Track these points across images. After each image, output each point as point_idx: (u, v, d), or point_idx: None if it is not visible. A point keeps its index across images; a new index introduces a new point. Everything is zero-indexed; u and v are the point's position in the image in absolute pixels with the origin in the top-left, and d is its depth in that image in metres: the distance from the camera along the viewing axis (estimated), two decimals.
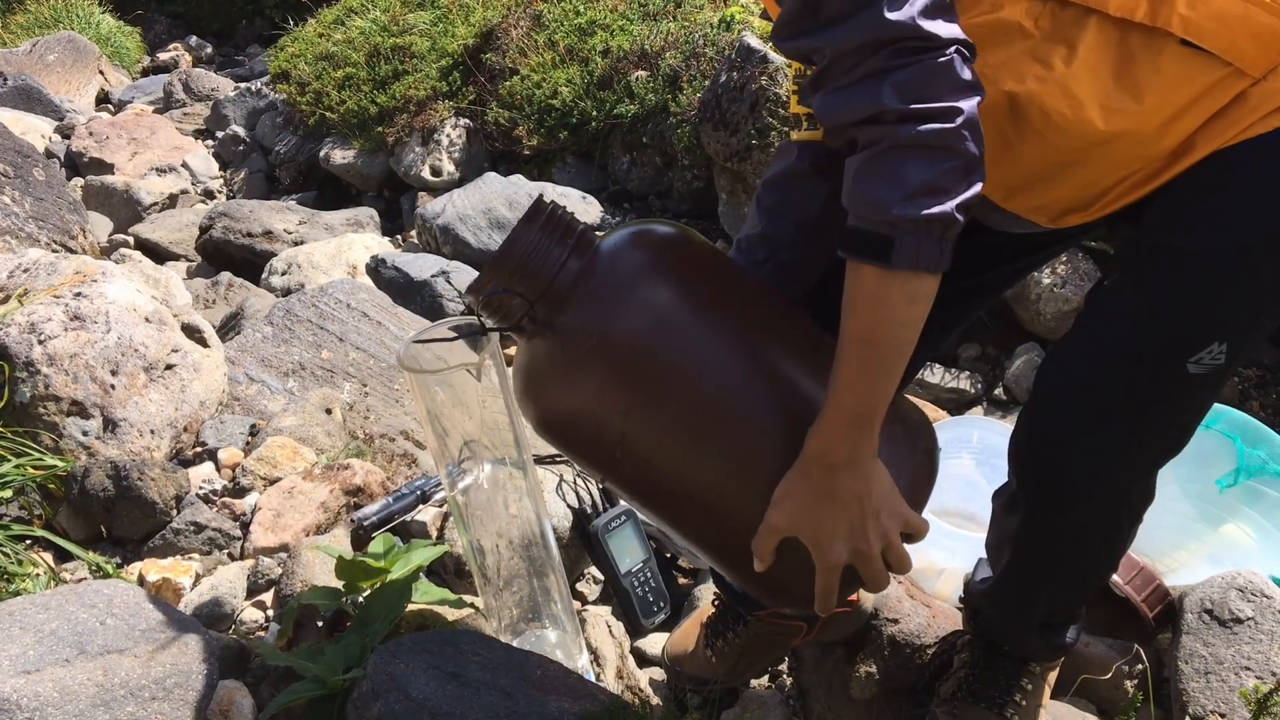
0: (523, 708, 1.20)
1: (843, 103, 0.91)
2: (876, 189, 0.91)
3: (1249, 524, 1.65)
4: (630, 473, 1.09)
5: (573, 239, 1.05)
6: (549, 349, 1.05)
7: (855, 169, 0.93)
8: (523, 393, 1.11)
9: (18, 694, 1.13)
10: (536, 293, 1.03)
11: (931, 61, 0.88)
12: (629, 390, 1.04)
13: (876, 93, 0.89)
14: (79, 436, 1.82)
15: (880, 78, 0.89)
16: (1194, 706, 1.38)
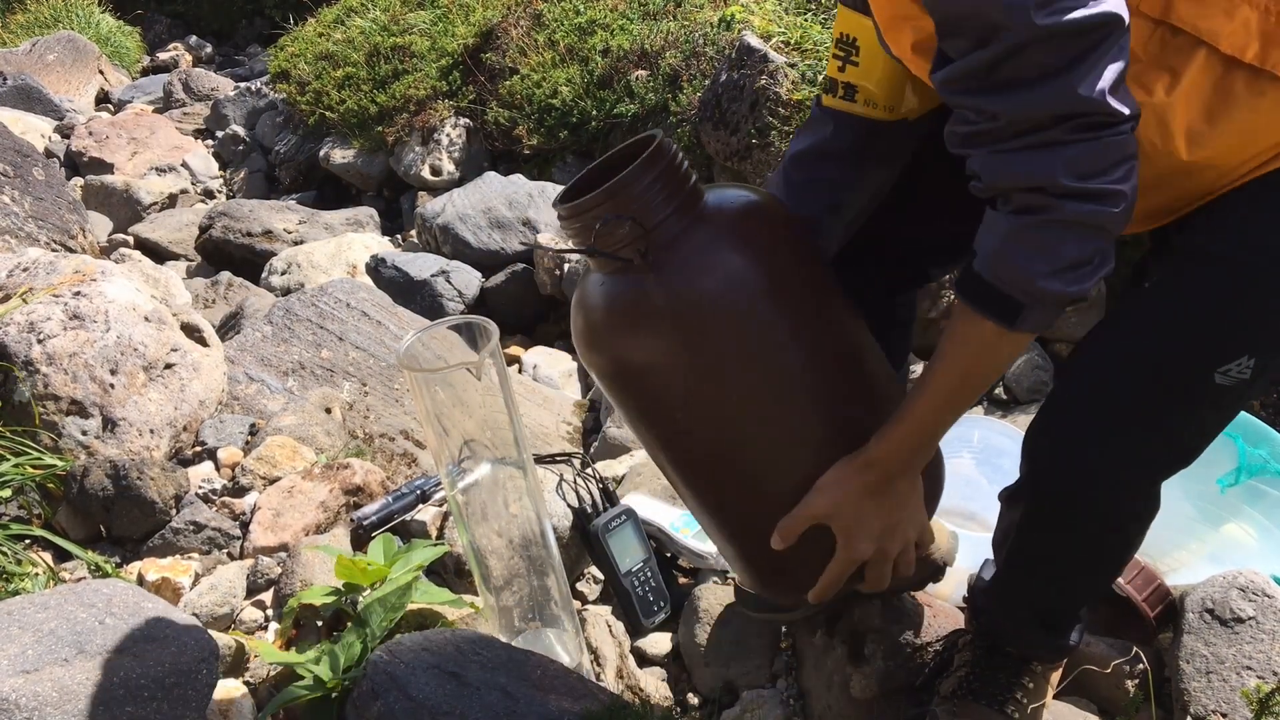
0: (523, 707, 1.20)
1: (1011, 167, 0.89)
2: (1028, 259, 0.91)
3: (1250, 523, 1.64)
4: (680, 434, 1.10)
5: (687, 188, 1.06)
6: (639, 294, 1.05)
7: (1006, 231, 0.92)
8: (596, 334, 1.10)
9: (16, 693, 1.13)
10: (649, 226, 1.03)
11: (1111, 138, 0.86)
12: (711, 352, 1.04)
13: (1051, 165, 0.86)
14: (78, 436, 1.82)
15: (1056, 149, 0.86)
16: (1195, 706, 1.38)
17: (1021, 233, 0.90)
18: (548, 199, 3.63)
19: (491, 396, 1.32)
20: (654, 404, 1.11)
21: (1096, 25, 0.83)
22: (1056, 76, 0.84)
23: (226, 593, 1.60)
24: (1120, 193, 0.87)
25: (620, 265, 1.07)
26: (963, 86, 0.90)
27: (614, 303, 1.07)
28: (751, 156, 3.17)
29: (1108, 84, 0.84)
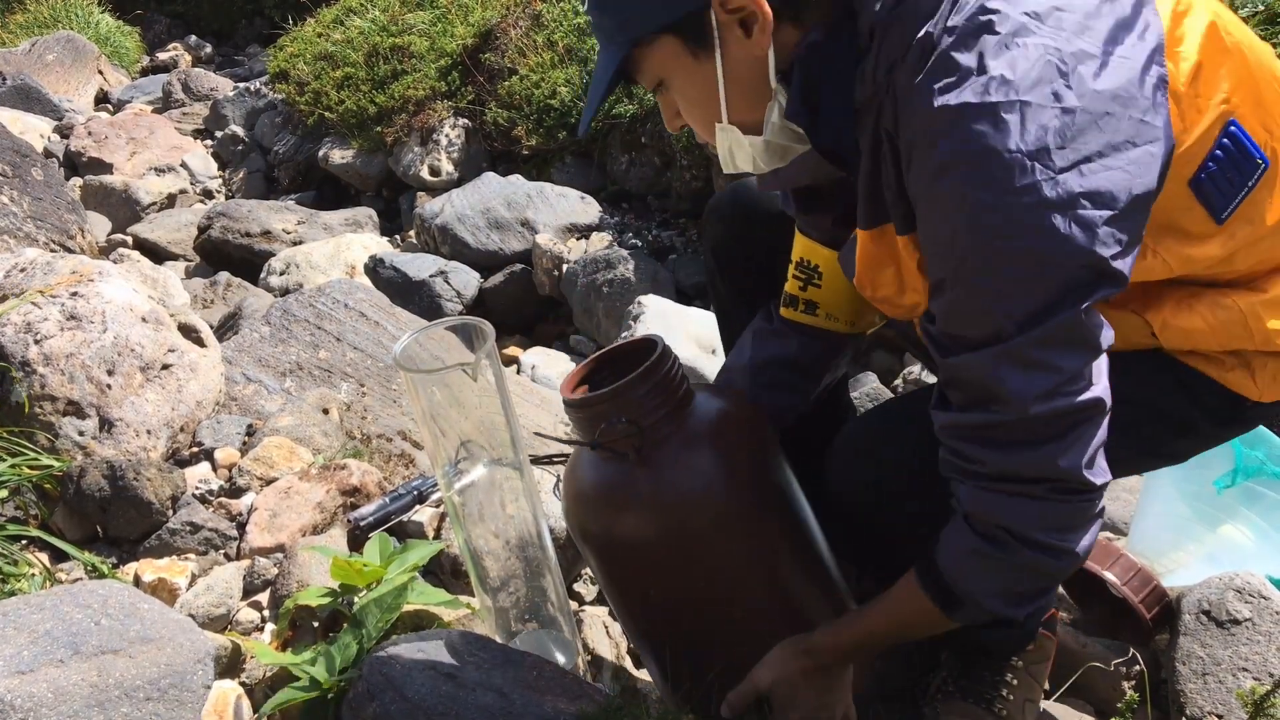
0: (519, 708, 1.20)
1: (991, 505, 0.97)
2: (980, 578, 1.02)
3: (1247, 525, 1.64)
4: (647, 597, 1.27)
5: (679, 395, 1.23)
6: (629, 482, 1.21)
7: (969, 549, 1.01)
8: (587, 508, 1.27)
9: (11, 694, 1.13)
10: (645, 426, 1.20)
11: (1083, 504, 0.96)
12: (685, 536, 1.20)
13: (1026, 515, 0.96)
14: (75, 436, 1.82)
15: (1033, 502, 0.95)
16: (1191, 707, 1.38)
17: (981, 556, 1.00)
18: (546, 199, 3.63)
19: (488, 397, 1.32)
20: (628, 572, 1.27)
21: (1083, 409, 0.92)
22: (1042, 446, 0.93)
23: (223, 593, 1.60)
24: (1074, 554, 0.98)
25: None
26: (957, 435, 0.98)
27: (606, 485, 1.24)
28: None
29: (1086, 458, 0.93)
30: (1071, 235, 0.85)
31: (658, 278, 3.06)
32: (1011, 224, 0.86)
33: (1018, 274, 0.88)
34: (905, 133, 0.94)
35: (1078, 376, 0.91)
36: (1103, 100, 0.87)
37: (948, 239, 0.91)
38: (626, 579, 1.29)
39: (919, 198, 0.94)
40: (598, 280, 3.09)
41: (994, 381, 0.92)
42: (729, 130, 1.07)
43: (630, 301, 2.73)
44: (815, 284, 1.37)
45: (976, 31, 0.89)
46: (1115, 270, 0.88)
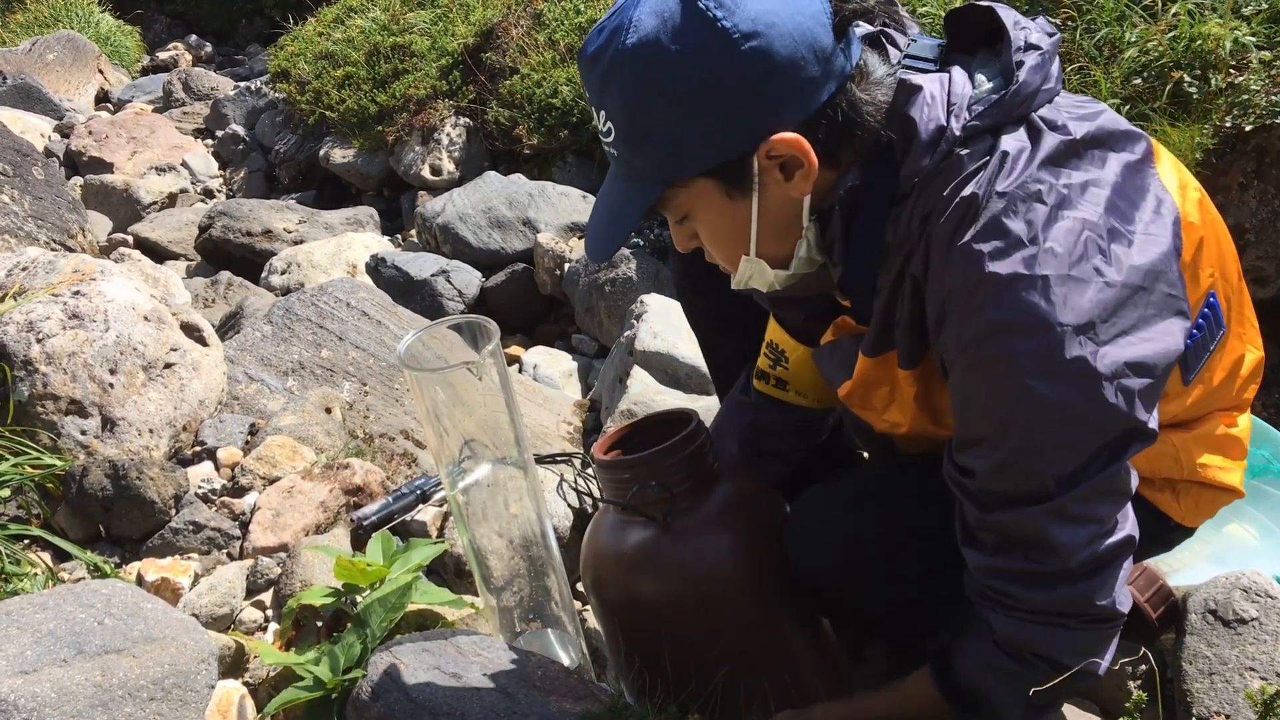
0: (523, 708, 1.19)
1: (1026, 635, 1.02)
2: (1005, 695, 1.06)
3: (1253, 524, 1.64)
4: (649, 658, 1.31)
5: (707, 467, 1.29)
6: (654, 546, 1.27)
7: (997, 666, 1.05)
8: (608, 568, 1.32)
9: (15, 694, 1.12)
10: (674, 493, 1.26)
11: (1111, 630, 1.03)
12: (700, 600, 1.26)
13: (1059, 645, 1.01)
14: (77, 435, 1.81)
15: (1066, 631, 1.01)
16: (1198, 707, 1.37)
17: (1009, 675, 1.04)
18: (548, 198, 3.62)
19: (492, 396, 1.31)
20: (637, 629, 1.32)
21: (1118, 549, 0.98)
22: (1081, 584, 0.98)
23: (226, 593, 1.60)
24: (1097, 674, 1.03)
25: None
26: (997, 576, 1.02)
27: (630, 547, 1.29)
28: None
29: (1116, 592, 0.99)
30: (1117, 404, 0.91)
31: (660, 277, 3.06)
32: (1061, 393, 0.90)
33: (1065, 438, 0.93)
34: (939, 285, 0.97)
35: (1114, 522, 0.97)
36: (1137, 275, 0.92)
37: (992, 401, 0.95)
38: (634, 635, 1.34)
39: (957, 356, 0.96)
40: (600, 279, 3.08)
41: (1038, 536, 0.96)
42: (754, 262, 1.09)
43: (632, 300, 2.72)
44: (783, 365, 1.42)
45: (1027, 200, 0.92)
46: (1150, 430, 0.95)
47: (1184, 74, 2.18)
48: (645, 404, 2.29)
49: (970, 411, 0.98)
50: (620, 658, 1.39)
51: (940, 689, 1.10)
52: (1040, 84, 0.97)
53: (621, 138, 0.99)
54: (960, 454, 1.01)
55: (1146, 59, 2.28)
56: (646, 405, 2.28)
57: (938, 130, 0.96)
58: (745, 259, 1.08)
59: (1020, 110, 0.97)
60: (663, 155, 0.99)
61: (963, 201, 0.94)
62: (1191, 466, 1.17)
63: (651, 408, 2.28)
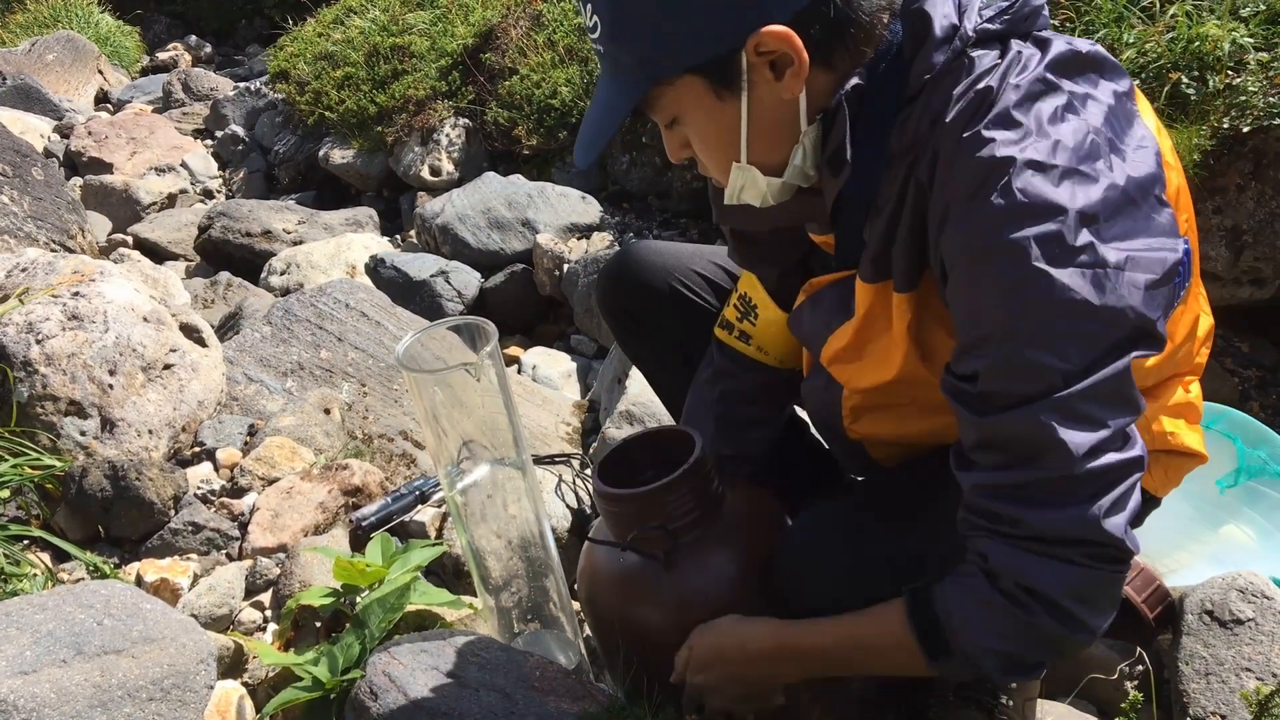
0: (521, 708, 1.19)
1: (1021, 565, 0.93)
2: (984, 635, 0.97)
3: (1249, 525, 1.64)
4: (642, 672, 1.30)
5: (710, 499, 1.26)
6: (653, 579, 1.25)
7: (983, 600, 0.96)
8: (604, 595, 1.31)
9: (14, 695, 1.13)
10: (675, 532, 1.24)
11: (1112, 574, 0.93)
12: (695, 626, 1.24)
13: (1057, 580, 0.92)
14: (77, 436, 1.81)
15: (1066, 566, 0.92)
16: (1194, 708, 1.38)
17: (994, 611, 0.95)
18: (547, 199, 3.62)
19: (490, 397, 1.32)
20: (632, 649, 1.31)
21: (1126, 466, 0.90)
22: (1085, 504, 0.90)
23: (225, 594, 1.60)
24: (1090, 630, 0.94)
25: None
26: (992, 494, 0.95)
27: (627, 578, 1.28)
28: None
29: (1125, 521, 0.91)
30: (1127, 297, 0.87)
31: None
32: (1073, 280, 0.86)
33: (1074, 328, 0.88)
34: (945, 181, 0.93)
35: (1121, 434, 0.91)
36: (1135, 186, 0.90)
37: (999, 293, 0.90)
38: (628, 649, 1.32)
39: (961, 253, 0.92)
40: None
41: (1042, 436, 0.90)
42: (746, 170, 1.05)
43: None
44: (750, 320, 1.40)
45: (1039, 95, 0.91)
46: (1159, 334, 0.91)
47: (1182, 75, 2.18)
48: (644, 405, 2.29)
49: (974, 310, 0.93)
50: (615, 664, 1.39)
51: (912, 621, 1.01)
52: (1040, 7, 0.97)
53: (606, 33, 0.97)
54: (961, 362, 0.95)
55: (1144, 60, 2.28)
56: (645, 406, 2.29)
57: (951, 28, 0.94)
58: (737, 166, 1.04)
59: (1026, 25, 0.96)
60: (647, 49, 0.96)
61: (977, 95, 0.92)
62: (1161, 435, 1.15)
63: (650, 408, 2.28)
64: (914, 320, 1.05)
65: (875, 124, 0.99)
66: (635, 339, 1.56)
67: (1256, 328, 2.35)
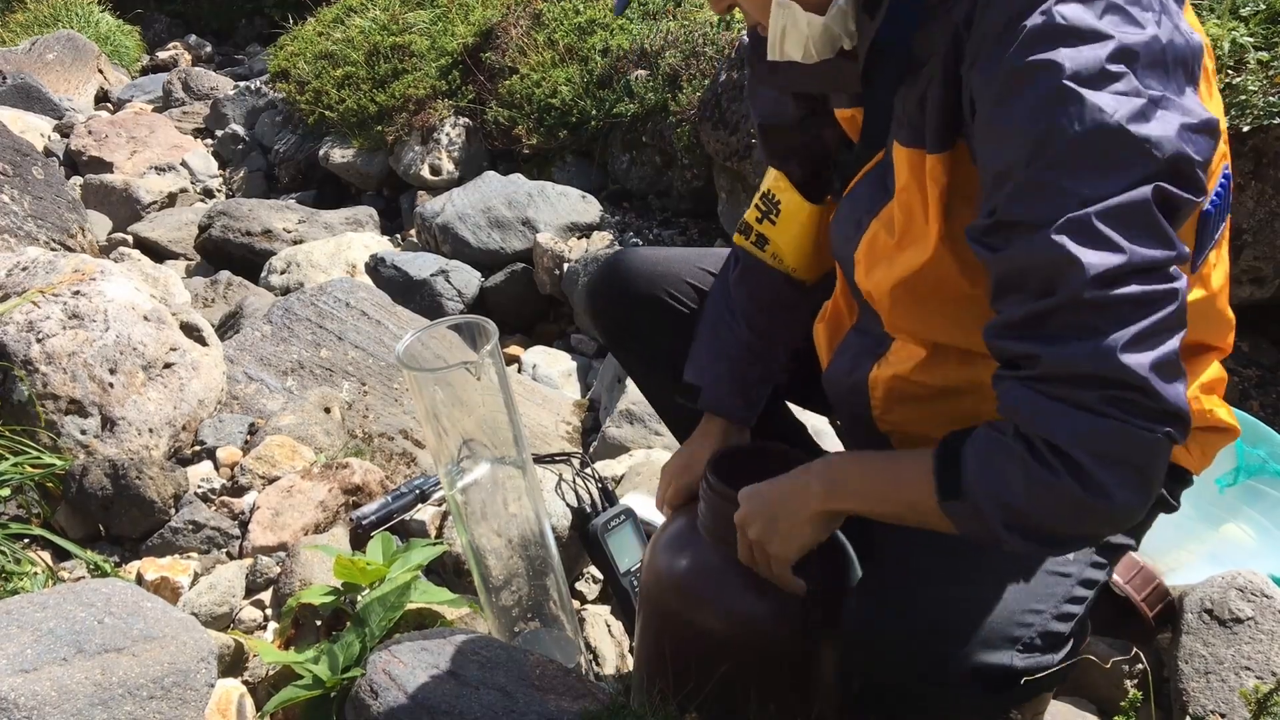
0: (522, 706, 1.20)
1: (1037, 412, 0.84)
2: (994, 480, 0.88)
3: (1249, 523, 1.64)
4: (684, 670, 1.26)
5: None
6: (727, 579, 1.21)
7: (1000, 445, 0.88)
8: (675, 588, 1.26)
9: (15, 693, 1.13)
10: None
11: (1139, 431, 0.81)
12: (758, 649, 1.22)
13: (1070, 429, 0.82)
14: (77, 435, 1.82)
15: (1081, 413, 0.82)
16: (1194, 706, 1.38)
17: (1011, 457, 0.87)
18: (547, 198, 3.63)
19: (491, 396, 1.32)
20: (682, 644, 1.26)
21: (1153, 298, 0.81)
22: (1103, 336, 0.80)
23: (225, 592, 1.60)
24: (1111, 500, 0.82)
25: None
26: (1007, 333, 0.88)
27: (701, 572, 1.23)
28: (751, 156, 3.17)
29: (1154, 358, 0.80)
30: (1165, 129, 0.81)
31: None
32: (1107, 103, 0.80)
33: (1100, 153, 0.81)
34: (986, 15, 0.87)
35: (1150, 267, 0.80)
36: (1175, 51, 0.85)
37: (1028, 114, 0.83)
38: (677, 647, 1.28)
39: (992, 79, 0.86)
40: None
41: (1054, 256, 0.81)
42: (788, 7, 0.99)
43: None
44: (771, 220, 1.36)
45: None
46: (1198, 175, 0.83)
47: None
48: (644, 404, 2.29)
49: (999, 139, 0.86)
50: (653, 655, 1.35)
51: (936, 455, 0.93)
52: None
53: None
54: (985, 202, 0.88)
55: None
56: (645, 406, 2.29)
57: None
58: (777, 4, 1.00)
59: None
60: None
61: None
62: (1201, 413, 1.09)
63: (649, 408, 2.28)
64: (948, 191, 0.97)
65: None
66: (624, 347, 1.55)
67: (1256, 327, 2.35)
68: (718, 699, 1.22)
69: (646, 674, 1.36)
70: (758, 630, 1.19)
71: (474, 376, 1.28)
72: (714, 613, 1.21)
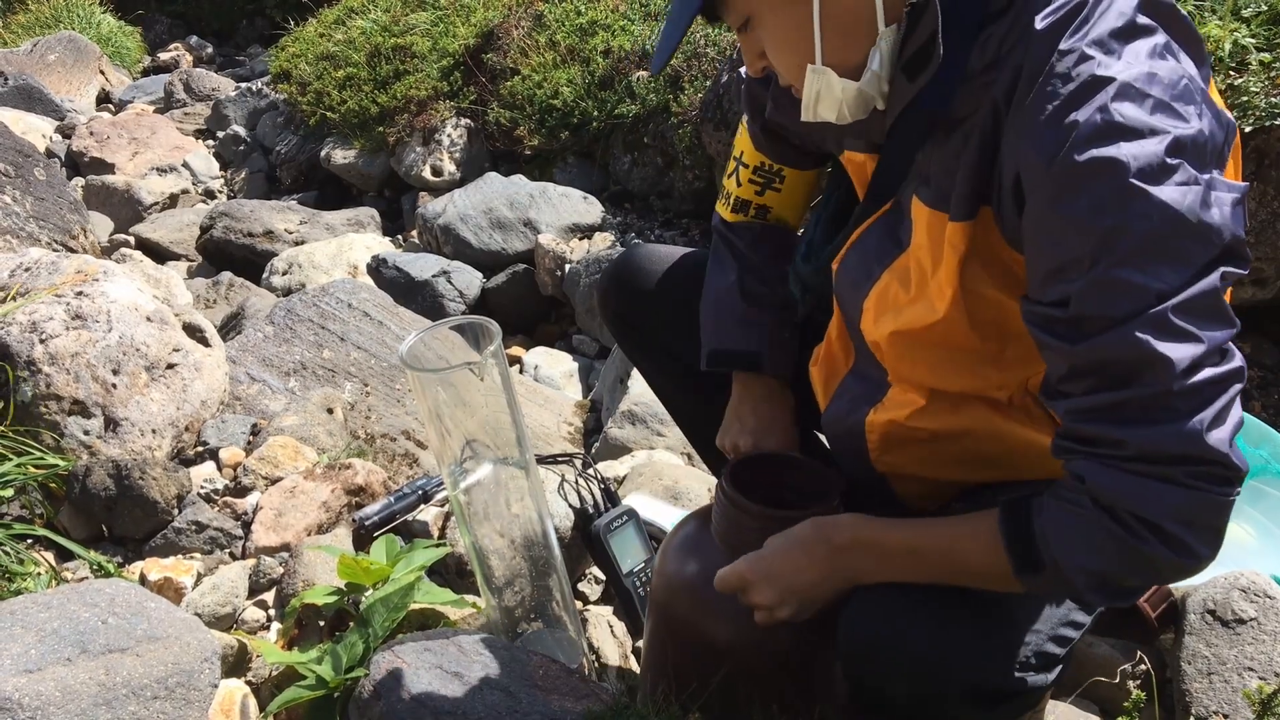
0: (525, 706, 1.20)
1: (1123, 487, 0.88)
2: (1080, 553, 0.92)
3: (1251, 524, 1.65)
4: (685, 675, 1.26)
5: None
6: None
7: (1083, 519, 0.92)
8: (686, 595, 1.25)
9: (20, 693, 1.13)
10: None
11: (1220, 497, 0.87)
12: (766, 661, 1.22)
13: (1161, 503, 0.87)
14: (80, 436, 1.82)
15: (1170, 487, 0.87)
16: (1197, 707, 1.38)
17: (1095, 530, 0.91)
18: (549, 199, 3.63)
19: (493, 397, 1.32)
20: (686, 650, 1.26)
21: (1228, 378, 0.86)
22: (1187, 419, 0.85)
23: (229, 592, 1.60)
24: (1196, 556, 0.88)
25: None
26: (1089, 417, 0.91)
27: (709, 581, 1.20)
28: None
29: (1228, 435, 0.86)
30: (1222, 214, 0.85)
31: None
32: (1170, 195, 0.83)
33: (1171, 246, 0.85)
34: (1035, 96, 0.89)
35: (1219, 350, 0.86)
36: (1214, 145, 0.88)
37: (1091, 212, 0.86)
38: (685, 650, 1.28)
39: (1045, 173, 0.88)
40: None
41: (1139, 353, 0.85)
42: (822, 73, 1.01)
43: None
44: (775, 188, 1.36)
45: (1139, 30, 0.88)
46: (1245, 252, 0.88)
47: None
48: (645, 405, 2.29)
49: (1060, 231, 0.88)
50: (657, 657, 1.35)
51: (1005, 530, 0.96)
52: None
53: None
54: (1046, 289, 0.91)
55: None
56: (647, 406, 2.29)
57: None
58: (812, 69, 1.01)
59: None
60: None
61: (1073, 8, 0.89)
62: None
63: (652, 408, 2.28)
64: (966, 256, 1.00)
65: (957, 32, 0.95)
66: (635, 344, 1.55)
67: (1257, 328, 2.35)
68: (721, 701, 1.22)
69: (652, 676, 1.35)
70: (766, 637, 1.18)
71: (477, 377, 1.28)
72: (723, 618, 1.20)
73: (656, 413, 2.28)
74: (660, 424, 2.26)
